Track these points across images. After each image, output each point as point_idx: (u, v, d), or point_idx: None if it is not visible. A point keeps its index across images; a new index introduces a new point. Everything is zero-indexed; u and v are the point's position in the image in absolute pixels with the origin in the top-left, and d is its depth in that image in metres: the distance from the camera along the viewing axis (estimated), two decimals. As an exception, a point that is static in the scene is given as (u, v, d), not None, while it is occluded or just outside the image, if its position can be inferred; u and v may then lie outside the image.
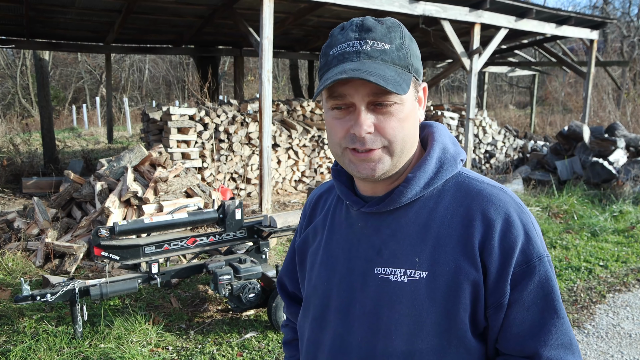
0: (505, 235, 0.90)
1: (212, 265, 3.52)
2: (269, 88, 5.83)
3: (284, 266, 1.29)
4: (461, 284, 0.90)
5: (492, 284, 0.90)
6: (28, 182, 7.65)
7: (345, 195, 1.04)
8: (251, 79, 23.61)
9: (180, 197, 5.22)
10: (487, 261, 0.89)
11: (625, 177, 7.78)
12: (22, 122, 16.94)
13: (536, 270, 0.90)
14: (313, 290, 1.08)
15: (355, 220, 1.03)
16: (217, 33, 10.13)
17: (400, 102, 0.90)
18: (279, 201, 7.54)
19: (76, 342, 3.30)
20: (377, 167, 0.92)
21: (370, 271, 0.97)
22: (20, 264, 4.63)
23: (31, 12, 7.77)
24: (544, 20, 8.70)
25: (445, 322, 0.91)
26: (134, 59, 24.70)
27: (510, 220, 0.90)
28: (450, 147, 1.01)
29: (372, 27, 0.90)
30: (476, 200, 0.93)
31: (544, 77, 22.30)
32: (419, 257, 0.93)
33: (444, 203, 0.96)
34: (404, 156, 0.94)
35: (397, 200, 0.96)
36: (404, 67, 0.90)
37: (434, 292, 0.91)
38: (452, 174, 0.98)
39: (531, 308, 0.90)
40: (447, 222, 0.93)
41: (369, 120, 0.89)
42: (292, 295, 1.29)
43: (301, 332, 1.14)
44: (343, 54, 0.90)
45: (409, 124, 0.93)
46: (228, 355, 3.25)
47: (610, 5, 23.89)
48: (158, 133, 7.41)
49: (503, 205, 0.92)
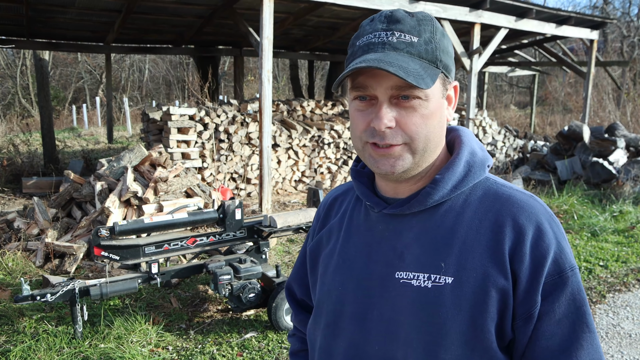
0: (537, 244, 0.86)
1: (212, 265, 3.52)
2: (269, 88, 5.83)
3: (293, 272, 1.23)
4: (489, 291, 0.85)
5: (522, 293, 0.85)
6: (28, 182, 7.65)
7: (366, 196, 1.00)
8: (251, 79, 23.62)
9: (180, 197, 5.22)
10: (517, 269, 0.85)
11: (625, 177, 7.78)
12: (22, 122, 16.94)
13: (569, 282, 0.86)
14: (326, 296, 1.03)
15: (375, 223, 0.99)
16: (217, 33, 10.13)
17: (425, 98, 0.86)
18: (279, 201, 7.54)
19: (76, 342, 3.30)
20: (397, 164, 0.88)
21: (390, 276, 0.93)
22: (20, 264, 4.63)
23: (31, 12, 7.77)
24: (544, 20, 8.70)
25: (470, 332, 0.86)
26: (134, 59, 24.70)
27: (542, 228, 0.87)
28: (479, 151, 0.97)
29: (401, 18, 0.87)
30: (506, 206, 0.90)
31: (544, 77, 22.30)
32: (445, 262, 0.88)
33: (472, 207, 0.92)
34: (427, 155, 0.90)
35: (423, 202, 0.92)
36: (431, 61, 0.87)
37: (460, 299, 0.86)
38: (480, 179, 0.94)
39: (562, 321, 0.86)
40: (475, 227, 0.89)
41: (390, 114, 0.86)
42: (301, 303, 1.23)
43: (312, 341, 1.08)
44: (368, 44, 0.87)
45: (433, 121, 0.88)
46: (228, 355, 3.25)
47: (610, 5, 23.89)
48: (158, 133, 7.41)
49: (534, 212, 0.88)
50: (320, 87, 22.46)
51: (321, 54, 13.22)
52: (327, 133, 8.38)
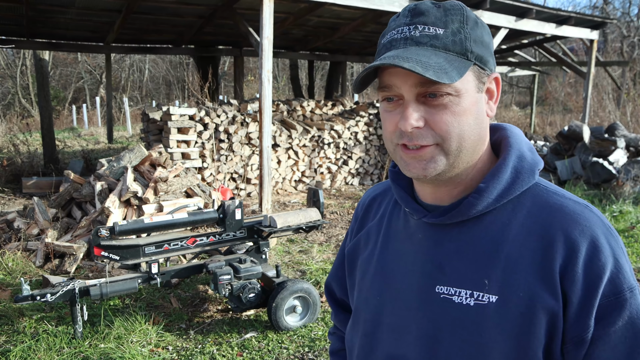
0: (591, 261, 0.77)
1: (212, 265, 3.52)
2: (269, 88, 5.83)
3: (332, 271, 1.19)
4: (536, 312, 0.78)
5: (573, 316, 0.78)
6: (28, 182, 7.65)
7: (405, 202, 0.94)
8: (251, 79, 23.62)
9: (180, 197, 5.22)
10: (568, 289, 0.78)
11: (625, 177, 7.78)
12: (22, 122, 16.95)
13: (626, 304, 0.77)
14: (364, 304, 0.99)
15: (415, 230, 0.93)
16: (217, 33, 10.13)
17: (456, 93, 0.79)
18: (279, 201, 7.54)
19: (76, 342, 3.30)
20: (429, 167, 0.82)
21: (430, 289, 0.87)
22: (20, 264, 4.63)
23: (31, 12, 7.77)
24: (544, 20, 8.70)
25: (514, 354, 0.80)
26: (134, 59, 24.71)
27: (597, 244, 0.78)
28: (528, 154, 0.88)
29: (425, 11, 0.82)
30: (557, 218, 0.81)
31: (544, 77, 22.31)
32: (488, 279, 0.82)
33: (519, 219, 0.84)
34: (463, 156, 0.83)
35: (466, 213, 0.85)
36: (459, 53, 0.80)
37: (504, 320, 0.80)
38: (528, 186, 0.86)
39: (618, 347, 0.78)
40: (521, 240, 0.82)
41: (417, 114, 0.80)
42: (341, 302, 1.20)
43: (350, 346, 1.05)
44: (391, 41, 0.83)
45: (468, 118, 0.81)
46: (228, 355, 3.25)
47: (610, 5, 23.89)
48: (158, 133, 7.41)
49: (589, 225, 0.80)
50: (320, 87, 22.46)
51: (321, 54, 13.22)
52: (327, 133, 8.38)
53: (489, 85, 0.86)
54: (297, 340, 3.45)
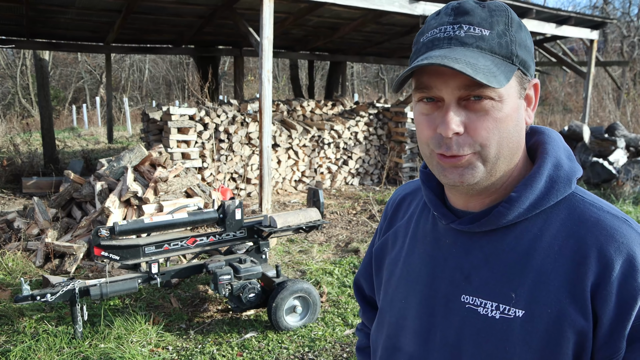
0: (626, 280, 0.73)
1: (212, 265, 3.52)
2: (269, 88, 5.83)
3: (361, 267, 1.18)
4: (564, 331, 0.75)
5: (603, 337, 0.74)
6: (28, 182, 7.65)
7: (434, 206, 0.91)
8: (251, 79, 23.62)
9: (180, 197, 5.22)
10: (599, 309, 0.74)
11: (625, 177, 7.78)
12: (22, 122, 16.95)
13: None
14: (389, 305, 0.98)
15: (443, 235, 0.90)
16: (217, 33, 10.13)
17: (499, 99, 0.76)
18: (279, 201, 7.54)
19: (76, 342, 3.30)
20: (466, 174, 0.79)
21: (455, 297, 0.85)
22: (20, 264, 4.63)
23: (31, 12, 7.77)
24: (544, 20, 8.70)
25: None
26: (134, 59, 24.71)
27: (634, 262, 0.74)
28: (565, 162, 0.84)
29: (469, 10, 0.78)
30: (592, 232, 0.77)
31: (544, 77, 22.31)
32: (516, 292, 0.79)
33: (552, 230, 0.80)
34: (501, 164, 0.80)
35: (495, 222, 0.82)
36: (505, 56, 0.76)
37: (531, 336, 0.76)
38: (563, 196, 0.82)
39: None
40: (553, 254, 0.78)
41: (458, 119, 0.76)
42: (370, 300, 1.19)
43: (374, 346, 1.04)
44: (433, 40, 0.79)
45: (508, 125, 0.78)
46: (228, 355, 3.25)
47: (610, 5, 23.90)
48: (158, 133, 7.41)
49: (626, 242, 0.75)
50: (320, 87, 22.47)
51: (321, 54, 13.21)
52: (327, 133, 8.38)
53: (529, 92, 0.83)
54: (297, 340, 3.45)
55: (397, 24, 9.34)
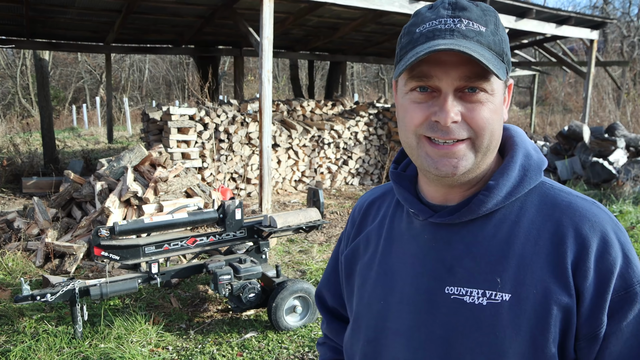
0: (602, 257, 0.78)
1: (212, 265, 3.52)
2: (269, 88, 5.83)
3: (323, 278, 1.16)
4: (551, 309, 0.78)
5: (586, 312, 0.78)
6: (28, 182, 7.65)
7: (410, 203, 0.92)
8: (251, 79, 23.62)
9: (180, 197, 5.22)
10: (581, 285, 0.78)
11: (625, 177, 7.78)
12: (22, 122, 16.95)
13: (637, 298, 0.78)
14: (366, 309, 0.96)
15: (421, 232, 0.91)
16: (217, 33, 10.13)
17: (492, 92, 0.79)
18: (279, 201, 7.54)
19: (76, 342, 3.30)
20: (460, 164, 0.81)
21: (439, 290, 0.85)
22: (20, 264, 4.63)
23: (31, 12, 7.77)
24: (544, 20, 8.70)
25: (530, 353, 0.79)
26: (134, 59, 24.71)
27: (607, 239, 0.79)
28: (534, 153, 0.89)
29: (467, 6, 0.81)
30: (566, 214, 0.82)
31: (544, 77, 22.31)
32: (501, 277, 0.81)
33: (528, 216, 0.84)
34: (488, 155, 0.84)
35: (476, 211, 0.85)
36: (498, 54, 0.80)
37: (519, 318, 0.79)
38: (535, 183, 0.87)
39: (629, 340, 0.78)
40: (533, 238, 0.82)
41: (457, 108, 0.78)
42: (333, 311, 1.15)
43: (350, 355, 1.01)
44: (433, 30, 0.79)
45: (498, 118, 0.82)
46: (228, 355, 3.25)
47: (610, 5, 23.90)
48: (158, 133, 7.41)
49: (599, 221, 0.81)
50: (320, 87, 22.47)
51: (321, 54, 13.22)
52: (327, 133, 8.38)
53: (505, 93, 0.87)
54: (297, 340, 3.45)
55: (397, 24, 9.34)
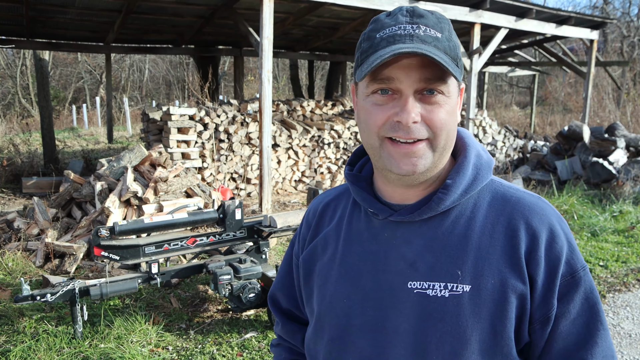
0: (551, 247, 0.86)
1: (212, 265, 3.52)
2: (269, 88, 5.83)
3: (277, 281, 1.17)
4: (508, 297, 0.84)
5: (539, 297, 0.85)
6: (28, 182, 7.65)
7: (369, 203, 0.95)
8: (251, 79, 23.62)
9: (180, 197, 5.22)
10: (534, 273, 0.85)
11: (625, 177, 7.78)
12: (22, 122, 16.95)
13: (582, 281, 0.87)
14: (328, 308, 0.97)
15: (380, 230, 0.94)
16: (217, 33, 10.13)
17: (448, 94, 0.84)
18: (279, 201, 7.54)
19: (76, 342, 3.30)
20: (419, 163, 0.85)
21: (402, 286, 0.89)
22: (20, 264, 4.63)
23: (31, 12, 7.77)
24: (544, 20, 8.70)
25: (490, 339, 0.85)
26: (134, 59, 24.70)
27: (554, 230, 0.87)
28: (483, 153, 0.96)
29: (424, 14, 0.86)
30: (517, 209, 0.89)
31: (544, 77, 22.30)
32: (461, 270, 0.86)
33: (482, 212, 0.90)
34: (445, 155, 0.89)
35: (435, 208, 0.89)
36: (453, 58, 0.85)
37: (479, 307, 0.84)
38: (487, 181, 0.93)
39: (577, 320, 0.86)
40: (488, 231, 0.88)
41: (417, 109, 0.83)
42: (287, 312, 1.17)
43: (313, 356, 1.03)
44: (394, 36, 0.83)
45: (453, 119, 0.87)
46: (228, 355, 3.25)
47: (610, 5, 23.89)
48: (158, 133, 7.41)
49: (545, 214, 0.88)
50: (320, 87, 22.46)
51: (321, 54, 13.22)
52: (327, 133, 8.38)
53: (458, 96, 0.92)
54: (297, 340, 3.45)
55: (397, 24, 9.32)
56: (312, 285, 1.04)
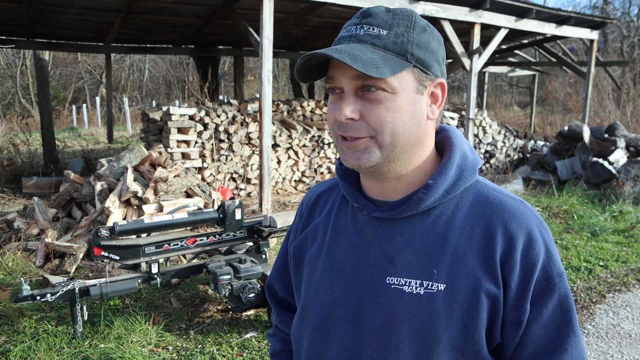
0: (527, 252, 0.87)
1: (212, 265, 3.52)
2: (269, 88, 5.83)
3: (273, 270, 1.20)
4: (480, 298, 0.86)
5: (512, 301, 0.87)
6: (28, 182, 7.65)
7: (354, 198, 0.98)
8: (251, 79, 23.62)
9: (180, 197, 5.22)
10: (508, 277, 0.86)
11: (625, 177, 7.78)
12: (22, 122, 16.94)
13: (556, 288, 0.88)
14: (313, 298, 1.01)
15: (364, 225, 0.97)
16: (217, 33, 10.13)
17: (391, 91, 0.84)
18: (279, 201, 7.54)
19: (76, 342, 3.30)
20: (363, 157, 0.86)
21: (381, 280, 0.92)
22: (20, 264, 4.63)
23: (31, 12, 7.77)
24: (544, 20, 8.70)
25: (462, 338, 0.87)
26: (134, 59, 24.70)
27: (532, 236, 0.88)
28: (469, 154, 0.95)
29: (374, 13, 0.87)
30: (497, 212, 0.89)
31: (544, 77, 22.31)
32: (437, 269, 0.88)
33: (463, 213, 0.91)
34: (398, 152, 0.88)
35: (415, 207, 0.91)
36: (398, 54, 0.84)
37: (452, 306, 0.87)
38: (470, 182, 0.93)
39: (549, 326, 0.88)
40: (467, 233, 0.89)
41: (352, 106, 0.84)
42: (283, 302, 1.20)
43: (297, 343, 1.06)
44: (340, 39, 0.89)
45: (403, 116, 0.85)
46: (228, 355, 3.25)
47: (610, 5, 23.89)
48: (158, 133, 7.41)
49: (525, 219, 0.89)
50: (320, 87, 22.46)
51: (321, 54, 13.20)
52: (327, 133, 8.38)
53: (433, 90, 0.90)
54: (297, 340, 3.45)
55: (397, 24, 9.33)
56: (301, 275, 1.07)
